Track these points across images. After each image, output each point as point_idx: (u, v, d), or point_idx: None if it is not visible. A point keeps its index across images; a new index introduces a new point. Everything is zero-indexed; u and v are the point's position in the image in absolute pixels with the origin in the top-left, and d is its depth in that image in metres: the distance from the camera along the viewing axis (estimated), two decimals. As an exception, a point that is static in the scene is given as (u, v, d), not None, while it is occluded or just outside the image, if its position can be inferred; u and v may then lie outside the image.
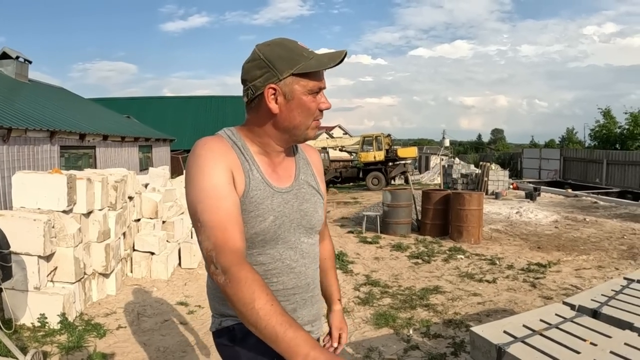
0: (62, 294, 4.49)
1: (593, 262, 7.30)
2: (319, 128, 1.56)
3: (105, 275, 5.43)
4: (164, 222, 6.92)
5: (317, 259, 1.60)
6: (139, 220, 6.59)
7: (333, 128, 51.07)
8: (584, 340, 2.03)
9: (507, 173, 17.96)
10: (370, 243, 8.86)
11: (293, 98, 1.37)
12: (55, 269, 4.64)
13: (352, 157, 27.75)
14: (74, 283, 4.73)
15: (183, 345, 4.20)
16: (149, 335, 4.42)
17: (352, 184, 23.23)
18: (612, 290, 2.79)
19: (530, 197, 14.99)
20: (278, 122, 1.41)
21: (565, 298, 2.76)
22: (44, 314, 4.40)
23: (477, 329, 2.15)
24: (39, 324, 4.39)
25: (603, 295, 2.69)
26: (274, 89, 1.36)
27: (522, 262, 7.29)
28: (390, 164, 21.47)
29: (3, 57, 16.39)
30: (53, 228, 4.51)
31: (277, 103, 1.38)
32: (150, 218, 6.66)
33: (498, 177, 17.08)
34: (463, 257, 7.65)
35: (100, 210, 5.25)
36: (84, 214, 4.99)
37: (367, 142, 21.92)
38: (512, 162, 32.05)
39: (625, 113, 29.00)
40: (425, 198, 9.69)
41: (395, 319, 4.79)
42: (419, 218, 10.02)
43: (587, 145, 34.28)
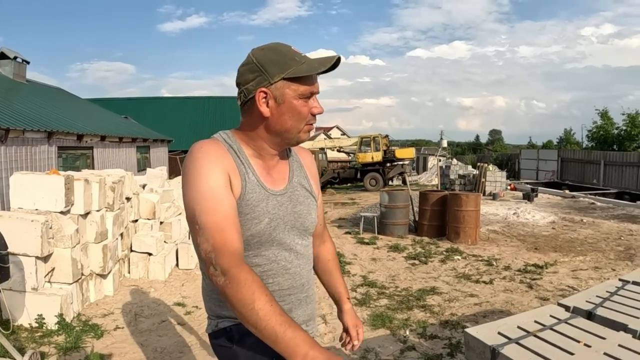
0: (59, 295, 4.50)
1: (590, 263, 7.32)
2: (317, 129, 1.58)
3: (103, 276, 5.43)
4: (162, 222, 6.92)
5: (311, 260, 1.62)
6: (137, 221, 6.59)
7: (331, 129, 51.03)
8: (578, 342, 2.04)
9: (504, 174, 17.97)
10: (368, 244, 8.88)
11: (284, 102, 1.39)
12: (53, 270, 4.64)
13: (349, 157, 27.76)
14: (72, 284, 4.73)
15: (180, 346, 4.21)
16: (147, 336, 4.43)
17: (349, 185, 23.26)
18: (607, 292, 2.80)
19: (528, 198, 15.01)
20: (269, 125, 1.43)
21: (562, 299, 2.78)
22: (42, 315, 4.41)
23: (471, 330, 2.16)
24: (37, 325, 4.39)
25: (598, 297, 2.70)
26: (265, 93, 1.39)
27: (519, 263, 7.31)
28: (388, 165, 21.48)
29: (1, 57, 16.34)
30: (50, 229, 4.52)
31: (268, 106, 1.40)
32: (148, 219, 6.67)
33: (495, 178, 17.09)
34: (460, 258, 7.67)
35: (98, 211, 5.26)
36: (82, 215, 5.00)
37: (365, 142, 21.95)
38: (509, 163, 32.08)
39: (623, 114, 29.12)
40: (423, 199, 9.71)
41: (392, 320, 4.80)
42: (416, 219, 10.03)
43: (584, 146, 34.35)
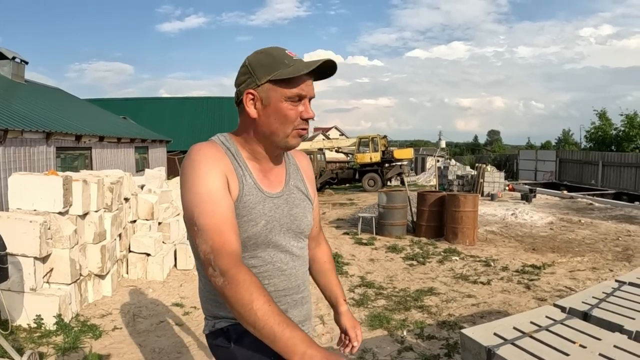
0: (58, 295, 4.51)
1: (587, 263, 7.34)
2: (316, 130, 1.59)
3: (101, 277, 5.44)
4: (160, 223, 6.93)
5: (306, 262, 1.64)
6: (135, 222, 6.60)
7: (329, 129, 51.10)
8: (574, 343, 2.05)
9: (502, 174, 18.00)
10: (366, 244, 8.89)
11: (270, 104, 1.41)
12: (51, 270, 4.65)
13: (348, 158, 27.84)
14: (70, 284, 4.74)
15: (178, 347, 4.22)
16: (145, 337, 4.43)
17: (348, 185, 23.27)
18: (603, 293, 2.80)
19: (526, 198, 15.03)
20: (257, 127, 1.45)
21: (559, 300, 2.79)
22: (40, 315, 4.41)
23: (467, 331, 2.17)
24: (35, 325, 4.40)
25: (594, 298, 2.71)
26: (252, 94, 1.42)
27: (516, 263, 7.33)
28: (387, 165, 21.49)
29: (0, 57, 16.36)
30: (49, 229, 4.52)
31: (255, 108, 1.42)
32: (146, 219, 6.68)
33: (494, 178, 17.12)
34: (458, 258, 7.68)
35: (96, 212, 5.26)
36: (80, 216, 5.01)
37: (363, 143, 21.98)
38: (508, 163, 32.12)
39: (621, 115, 29.08)
40: (421, 200, 9.72)
41: (390, 321, 4.82)
42: (414, 219, 10.05)
43: (583, 147, 34.34)
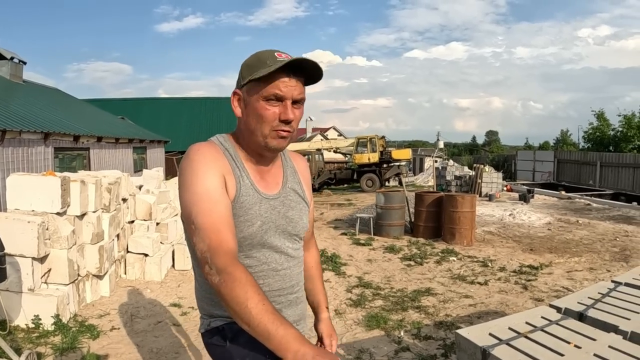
0: (56, 296, 4.51)
1: (585, 264, 7.36)
2: (314, 130, 1.59)
3: (99, 277, 5.44)
4: (158, 223, 6.93)
5: (301, 262, 1.66)
6: (133, 222, 6.60)
7: (328, 129, 51.03)
8: (568, 343, 2.06)
9: (500, 175, 18.01)
10: (363, 245, 8.90)
11: (249, 103, 1.44)
12: (49, 271, 4.65)
13: (346, 158, 27.83)
14: (68, 284, 4.74)
15: (176, 347, 4.23)
16: (142, 337, 4.44)
17: (346, 186, 23.29)
18: (599, 293, 2.81)
19: (524, 199, 15.04)
20: (242, 126, 1.49)
21: (555, 300, 2.80)
22: (38, 316, 4.42)
23: (462, 332, 2.18)
24: (33, 325, 4.40)
25: (590, 298, 2.71)
26: (238, 94, 1.47)
27: (514, 264, 7.34)
28: (385, 166, 21.52)
29: (-2, 58, 16.36)
30: (47, 230, 4.53)
31: (240, 108, 1.48)
32: (144, 220, 6.68)
33: (492, 179, 17.13)
34: (455, 259, 7.70)
35: (94, 212, 5.27)
36: (78, 216, 5.01)
37: (361, 143, 21.99)
38: (506, 164, 32.12)
39: (619, 115, 29.15)
40: (418, 200, 9.73)
41: (387, 321, 4.83)
42: (412, 220, 10.06)
43: (581, 148, 34.39)
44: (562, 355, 1.94)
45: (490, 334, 2.15)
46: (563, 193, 17.34)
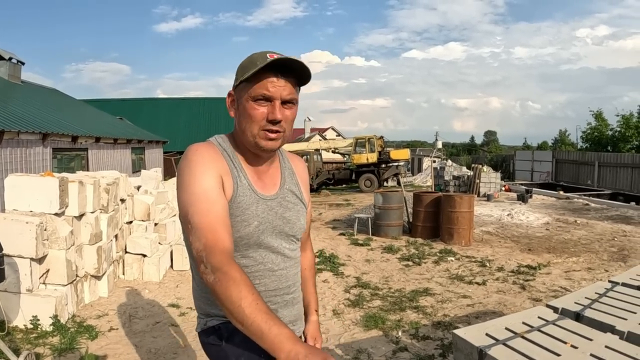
0: (54, 296, 4.51)
1: (583, 264, 7.37)
2: (313, 130, 1.60)
3: (97, 278, 5.44)
4: (156, 224, 6.94)
5: (298, 263, 1.67)
6: (131, 223, 6.60)
7: (326, 130, 51.03)
8: (565, 343, 2.07)
9: (499, 175, 18.02)
10: (362, 245, 8.91)
11: (240, 104, 1.46)
12: (48, 271, 4.65)
13: (345, 158, 27.84)
14: (66, 285, 4.75)
15: (174, 347, 4.23)
16: (141, 337, 4.44)
17: (344, 186, 23.29)
18: (596, 293, 2.82)
19: (522, 199, 15.05)
20: (236, 127, 1.52)
21: (552, 300, 2.81)
22: (37, 316, 4.42)
23: (459, 332, 2.19)
24: (32, 326, 4.40)
25: (587, 298, 2.72)
26: (231, 96, 1.51)
27: (512, 264, 7.35)
28: (383, 166, 21.54)
29: (-4, 58, 16.33)
30: (45, 230, 4.53)
31: (233, 108, 1.51)
32: (142, 220, 6.68)
33: (490, 179, 17.14)
34: (453, 259, 7.71)
35: (92, 213, 5.27)
36: (76, 217, 5.01)
37: (360, 144, 22.00)
38: (504, 164, 32.15)
39: (617, 115, 29.15)
40: (417, 200, 9.74)
41: (385, 321, 4.83)
42: (410, 220, 10.07)
43: (579, 148, 34.42)
44: (558, 355, 1.95)
45: (487, 334, 2.15)
46: (561, 193, 17.35)
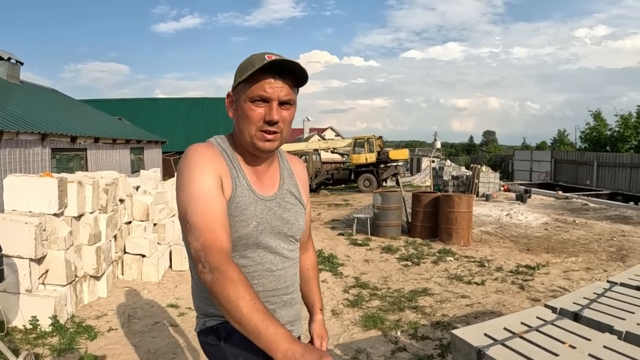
0: (53, 297, 4.51)
1: (582, 264, 7.38)
2: (311, 130, 1.60)
3: (97, 278, 5.44)
4: (155, 224, 6.93)
5: (296, 264, 1.67)
6: (130, 223, 6.60)
7: (325, 130, 51.02)
8: (563, 343, 2.08)
9: (497, 175, 18.04)
10: (361, 245, 8.91)
11: (238, 105, 1.48)
12: (47, 272, 4.66)
13: (343, 159, 27.85)
14: (65, 286, 4.75)
15: (173, 347, 4.23)
16: (140, 337, 4.45)
17: (343, 186, 23.28)
18: (594, 293, 2.83)
19: (521, 199, 15.08)
20: (234, 127, 1.53)
21: (551, 300, 2.81)
22: (36, 317, 4.42)
23: (457, 332, 2.19)
24: (31, 327, 4.40)
25: (585, 298, 2.73)
26: (230, 97, 1.52)
27: (511, 264, 7.36)
28: (382, 166, 21.52)
29: (-5, 58, 16.31)
30: (44, 231, 4.53)
31: (232, 109, 1.52)
32: (141, 220, 6.68)
33: (489, 179, 17.17)
34: (452, 259, 7.71)
35: (91, 213, 5.27)
36: (75, 217, 5.01)
37: (358, 144, 21.99)
38: (503, 164, 32.17)
39: (616, 115, 29.15)
40: (415, 200, 9.75)
41: (384, 321, 4.84)
42: (409, 220, 10.08)
43: (578, 148, 34.44)
44: (556, 355, 1.95)
45: (486, 334, 2.16)
46: (560, 193, 17.37)
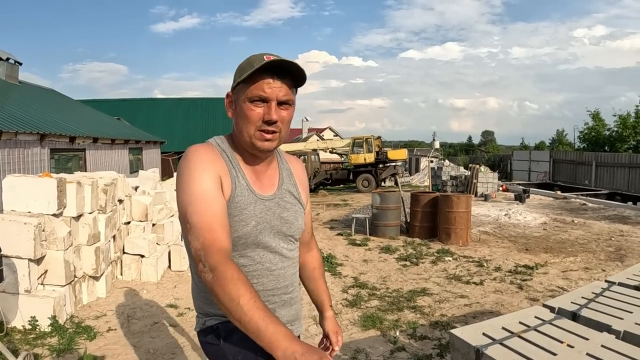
0: (52, 297, 4.51)
1: (580, 264, 7.39)
2: (310, 130, 1.61)
3: (96, 278, 5.44)
4: (154, 224, 6.93)
5: (296, 263, 1.68)
6: (129, 223, 6.60)
7: (324, 130, 51.02)
8: (561, 342, 2.08)
9: (496, 175, 18.06)
10: (359, 245, 8.92)
11: (238, 105, 1.49)
12: (46, 272, 4.66)
13: (342, 159, 27.84)
14: (65, 286, 4.75)
15: (172, 347, 4.24)
16: (139, 338, 4.45)
17: (342, 186, 23.26)
18: (592, 293, 2.83)
19: (520, 199, 15.10)
20: (234, 127, 1.54)
21: (550, 300, 2.82)
22: (35, 317, 4.42)
23: (456, 331, 2.20)
24: (30, 327, 4.40)
25: (583, 298, 2.74)
26: (229, 97, 1.53)
27: (509, 264, 7.37)
28: (381, 166, 21.51)
29: (-7, 59, 16.31)
30: (43, 231, 4.53)
31: (231, 109, 1.53)
32: (140, 221, 6.68)
33: (487, 179, 17.18)
34: (451, 259, 7.72)
35: (90, 214, 5.27)
36: (74, 217, 5.01)
37: (357, 144, 21.99)
38: (502, 164, 32.20)
39: (614, 115, 29.17)
40: (414, 200, 9.75)
41: (383, 321, 4.85)
42: (408, 220, 10.08)
43: (576, 148, 34.47)
44: (554, 355, 1.96)
45: (484, 334, 2.17)
46: (559, 193, 17.39)
